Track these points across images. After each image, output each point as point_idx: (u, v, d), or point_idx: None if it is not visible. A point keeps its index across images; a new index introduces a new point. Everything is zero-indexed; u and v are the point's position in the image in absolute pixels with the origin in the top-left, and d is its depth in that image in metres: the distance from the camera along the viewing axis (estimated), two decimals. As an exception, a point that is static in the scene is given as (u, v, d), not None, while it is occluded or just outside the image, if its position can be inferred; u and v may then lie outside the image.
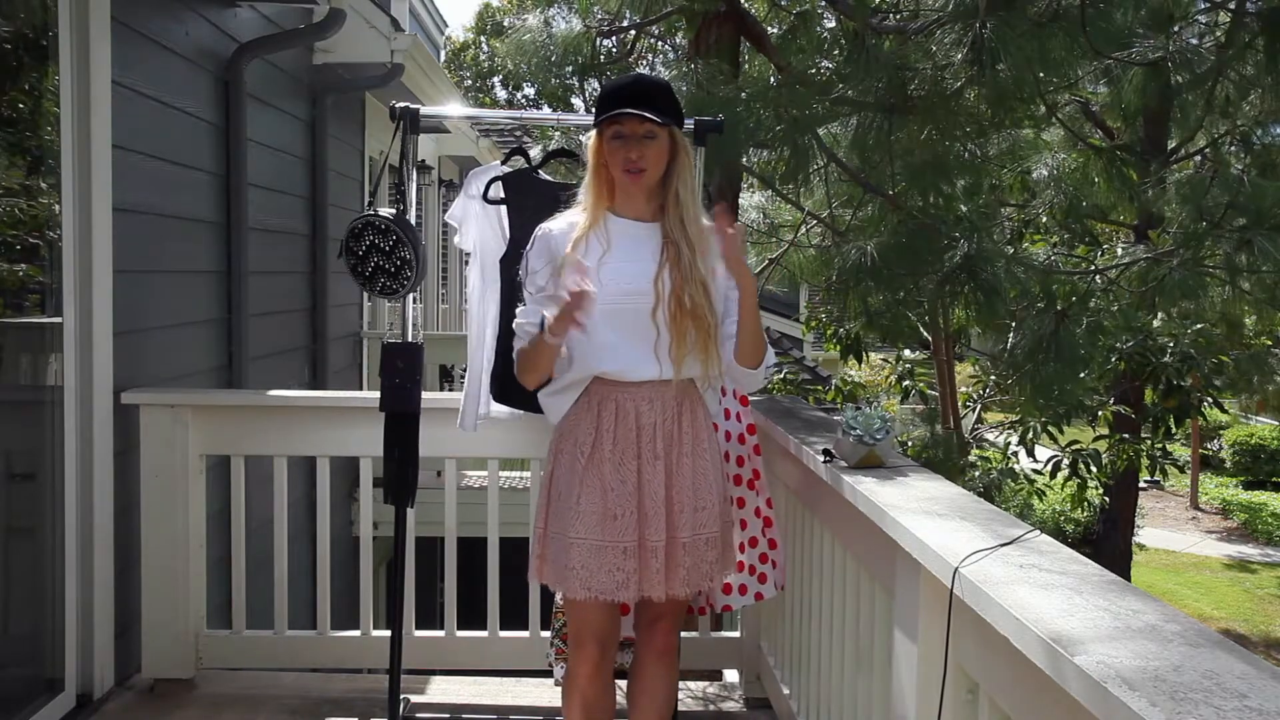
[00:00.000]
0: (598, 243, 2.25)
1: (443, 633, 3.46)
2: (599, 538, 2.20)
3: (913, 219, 4.32)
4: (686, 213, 2.26)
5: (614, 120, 2.20)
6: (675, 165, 2.26)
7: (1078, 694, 1.21)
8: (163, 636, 3.31)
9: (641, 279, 2.22)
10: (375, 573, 5.18)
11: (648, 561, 2.21)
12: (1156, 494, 21.09)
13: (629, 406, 2.25)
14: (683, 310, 2.20)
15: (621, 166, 2.22)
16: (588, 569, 2.20)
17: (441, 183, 9.99)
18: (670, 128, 2.22)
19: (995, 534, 1.75)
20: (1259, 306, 7.23)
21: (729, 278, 2.27)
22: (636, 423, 2.24)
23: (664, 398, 2.26)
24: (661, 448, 2.25)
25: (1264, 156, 6.27)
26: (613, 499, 2.21)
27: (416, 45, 6.37)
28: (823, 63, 4.45)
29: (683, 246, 2.23)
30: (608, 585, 2.20)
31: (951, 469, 6.91)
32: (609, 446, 2.23)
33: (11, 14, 3.06)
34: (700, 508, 2.27)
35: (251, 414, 3.47)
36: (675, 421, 2.27)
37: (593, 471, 2.23)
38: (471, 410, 2.99)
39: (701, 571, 2.28)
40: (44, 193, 3.17)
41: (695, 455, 2.29)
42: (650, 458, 2.24)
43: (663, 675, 2.41)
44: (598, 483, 2.22)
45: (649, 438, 2.24)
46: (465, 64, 29.49)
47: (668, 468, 2.25)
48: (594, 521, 2.20)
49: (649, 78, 2.39)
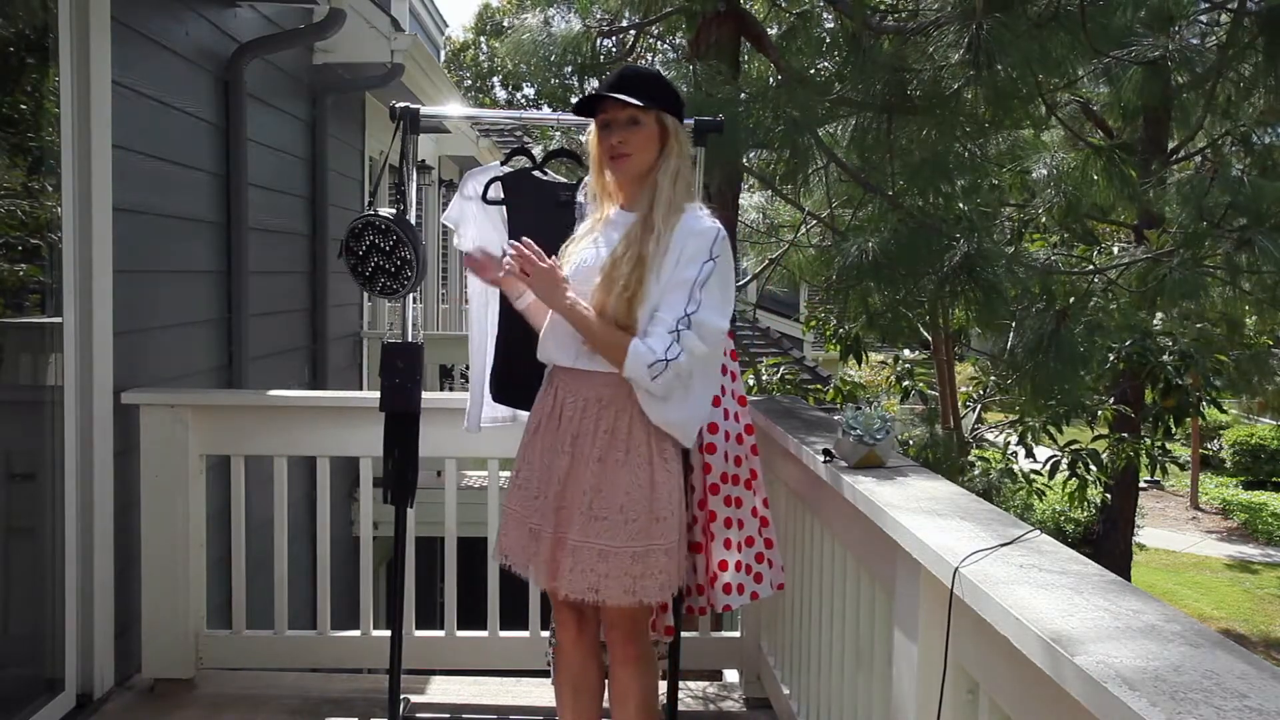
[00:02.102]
0: (590, 235, 2.32)
1: (443, 633, 3.46)
2: (519, 510, 2.32)
3: (912, 219, 4.32)
4: (660, 194, 2.20)
5: (601, 111, 2.22)
6: (663, 154, 2.23)
7: (1078, 694, 1.21)
8: (163, 636, 3.31)
9: (586, 264, 2.25)
10: (375, 573, 5.18)
11: (541, 549, 2.26)
12: (1156, 494, 21.09)
13: (561, 396, 2.29)
14: (609, 273, 2.16)
15: (605, 154, 2.22)
16: (509, 537, 2.35)
17: (441, 183, 9.99)
18: (659, 115, 2.20)
19: (995, 534, 1.75)
20: (1259, 306, 7.24)
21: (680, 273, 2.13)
22: (560, 415, 2.28)
23: (585, 392, 2.24)
24: (569, 444, 2.24)
25: (1264, 156, 6.27)
26: (537, 478, 2.29)
27: (416, 45, 6.37)
28: (823, 63, 4.45)
29: (634, 230, 2.19)
30: (520, 559, 2.32)
31: (951, 469, 6.91)
32: (546, 432, 2.30)
33: (11, 14, 3.06)
34: (598, 516, 2.17)
35: (251, 414, 3.48)
36: (595, 420, 2.22)
37: (530, 449, 2.33)
38: (476, 412, 2.99)
39: (588, 582, 2.17)
40: (44, 193, 3.17)
41: (606, 462, 2.19)
42: (560, 449, 2.26)
43: (634, 681, 2.37)
44: (534, 460, 2.31)
45: (565, 431, 2.26)
46: (465, 64, 29.48)
47: (574, 465, 2.23)
48: (521, 495, 2.32)
49: (637, 67, 2.40)
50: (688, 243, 2.17)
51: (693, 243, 2.17)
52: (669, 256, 2.16)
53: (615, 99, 2.17)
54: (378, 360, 3.28)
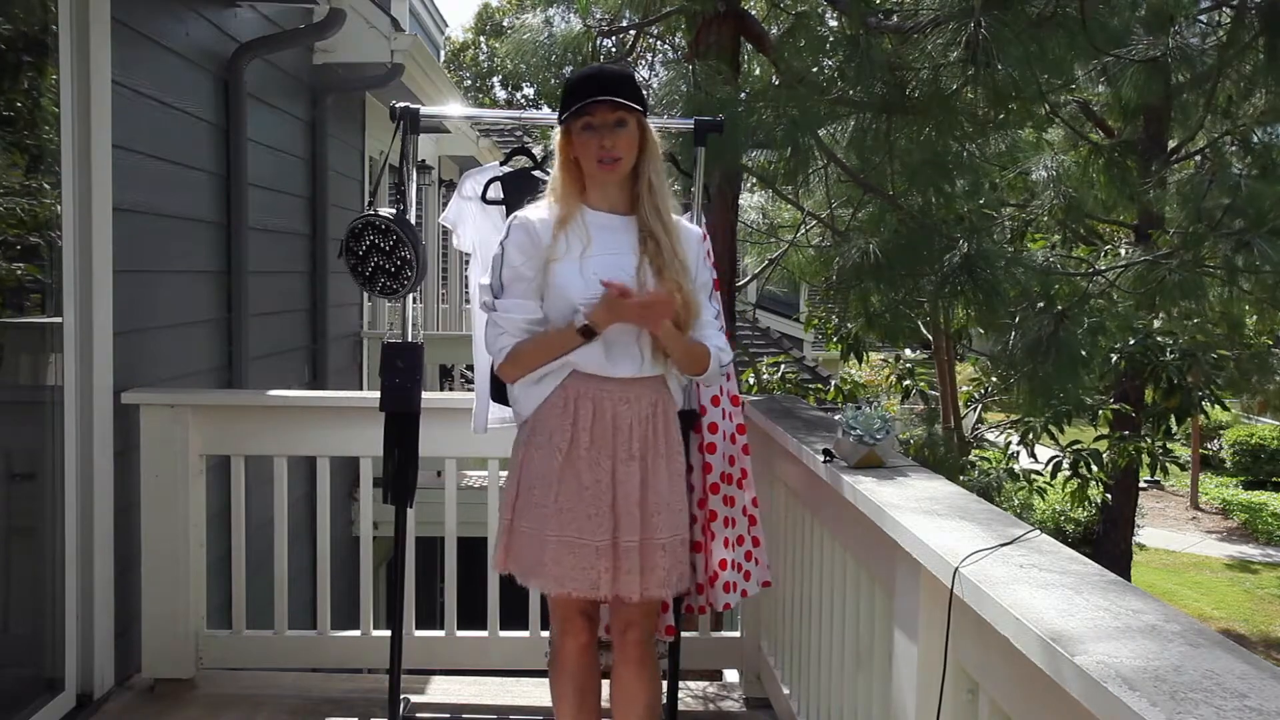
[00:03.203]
0: (577, 238, 2.22)
1: (443, 633, 3.45)
2: (574, 535, 2.19)
3: (913, 219, 4.32)
4: (661, 201, 2.23)
5: (582, 112, 2.17)
6: (645, 154, 2.23)
7: (1077, 694, 1.21)
8: (163, 636, 3.31)
9: (624, 273, 2.18)
10: (375, 573, 5.18)
11: (620, 562, 2.20)
12: (1156, 494, 21.08)
13: (606, 404, 2.23)
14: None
15: (595, 157, 2.18)
16: (561, 565, 2.19)
17: (441, 183, 9.99)
18: (638, 115, 2.20)
19: (995, 534, 1.75)
20: (1259, 306, 7.24)
21: (699, 277, 2.30)
22: (614, 422, 2.22)
23: (640, 396, 2.25)
24: (638, 448, 2.23)
25: (1264, 157, 6.27)
26: (588, 497, 2.20)
27: (416, 45, 6.37)
28: (825, 62, 4.45)
29: (661, 237, 2.21)
30: (582, 583, 2.20)
31: (951, 469, 6.91)
32: (585, 444, 2.21)
33: (11, 14, 3.06)
34: (678, 509, 2.28)
35: (251, 414, 3.48)
36: (650, 422, 2.26)
37: (570, 469, 2.21)
38: (483, 413, 2.97)
39: (680, 571, 2.27)
40: (44, 193, 3.17)
41: (669, 457, 2.29)
42: (625, 458, 2.22)
43: (642, 684, 2.36)
44: (574, 480, 2.20)
45: (625, 437, 2.23)
46: (465, 64, 29.50)
47: (643, 468, 2.23)
48: (570, 519, 2.19)
49: (611, 67, 2.37)
50: (690, 244, 2.31)
51: (694, 246, 2.33)
52: (689, 257, 2.28)
53: (606, 101, 2.14)
54: (378, 360, 3.28)
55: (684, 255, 2.25)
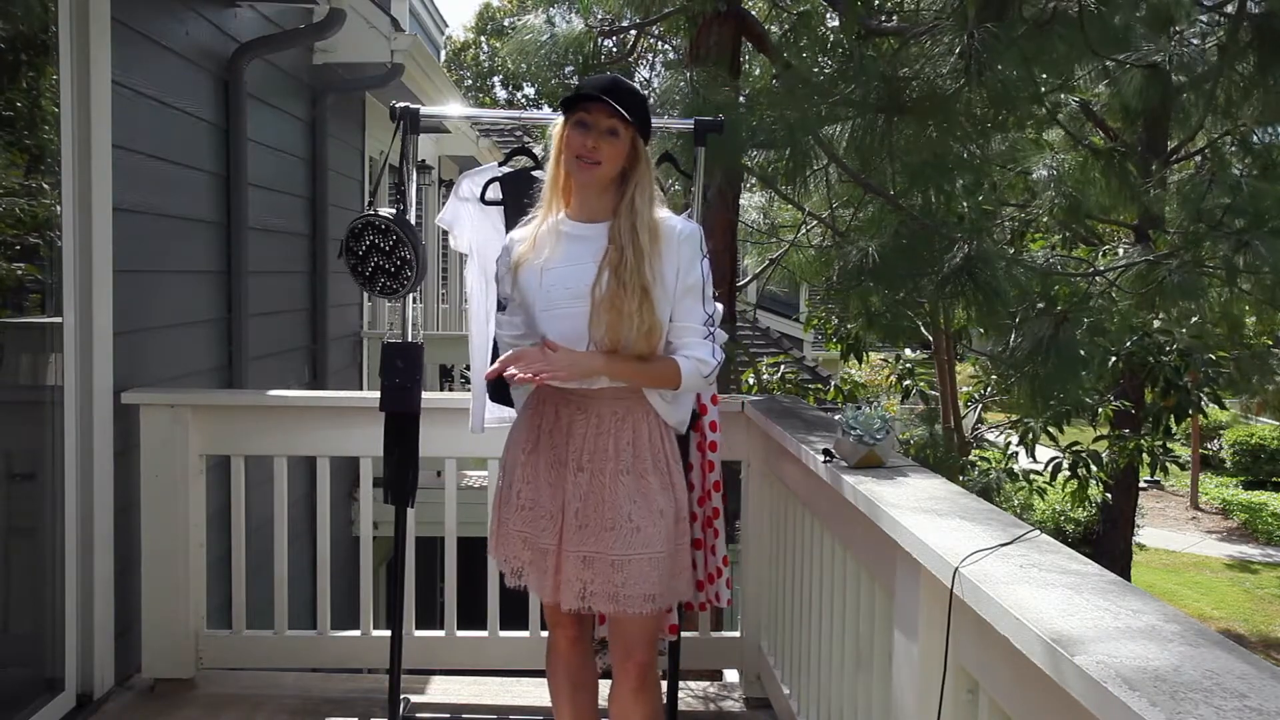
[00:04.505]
0: (546, 245, 2.22)
1: (443, 633, 3.45)
2: (528, 531, 2.26)
3: (913, 219, 4.32)
4: (639, 219, 2.16)
5: (580, 108, 2.15)
6: (634, 173, 2.19)
7: (1078, 694, 1.21)
8: (163, 636, 3.31)
9: (580, 283, 2.16)
10: (375, 573, 5.18)
11: (562, 568, 2.20)
12: (1156, 494, 21.09)
13: (564, 413, 2.24)
14: (618, 317, 2.13)
15: (575, 152, 2.15)
16: (519, 560, 2.28)
17: (441, 183, 9.99)
18: (635, 135, 2.17)
19: (995, 534, 1.75)
20: (1259, 307, 7.24)
21: (685, 281, 2.19)
22: (568, 430, 2.23)
23: (598, 409, 2.21)
24: (587, 460, 2.20)
25: (1264, 157, 6.26)
26: (544, 499, 2.24)
27: (416, 45, 6.37)
28: (826, 62, 4.45)
29: (627, 251, 2.14)
30: (533, 580, 2.27)
31: (951, 469, 6.91)
32: (547, 449, 2.25)
33: (11, 13, 3.06)
34: (645, 527, 2.18)
35: (251, 414, 3.48)
36: (611, 435, 2.21)
37: (530, 469, 2.27)
38: (480, 413, 2.98)
39: (648, 591, 2.18)
40: (44, 193, 3.17)
41: (639, 473, 2.20)
42: (574, 468, 2.21)
43: (639, 706, 2.31)
44: (535, 480, 2.26)
45: (576, 448, 2.21)
46: (465, 64, 29.49)
47: (595, 482, 2.19)
48: (529, 517, 2.26)
49: (627, 81, 2.33)
50: (681, 248, 2.19)
51: (686, 247, 2.20)
52: (667, 267, 2.17)
53: (604, 103, 2.12)
54: (378, 360, 3.28)
55: (655, 273, 2.16)
